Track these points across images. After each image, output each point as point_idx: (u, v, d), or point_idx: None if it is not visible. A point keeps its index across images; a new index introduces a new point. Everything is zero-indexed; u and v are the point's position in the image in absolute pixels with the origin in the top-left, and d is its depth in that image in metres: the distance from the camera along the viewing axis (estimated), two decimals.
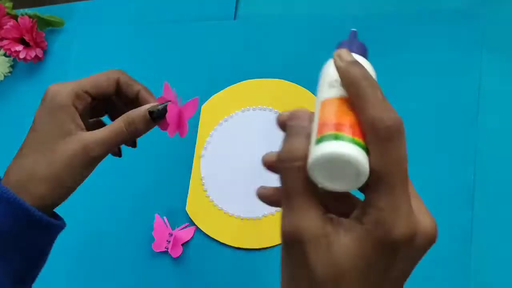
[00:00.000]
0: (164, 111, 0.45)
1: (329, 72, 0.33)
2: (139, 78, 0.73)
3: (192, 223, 0.65)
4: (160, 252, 0.65)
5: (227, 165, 0.65)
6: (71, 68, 0.78)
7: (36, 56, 0.78)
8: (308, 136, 0.30)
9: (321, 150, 0.29)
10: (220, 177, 0.65)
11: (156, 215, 0.66)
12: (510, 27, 0.59)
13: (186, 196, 0.66)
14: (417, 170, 0.58)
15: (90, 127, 0.46)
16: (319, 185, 0.30)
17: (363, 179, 0.29)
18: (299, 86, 0.65)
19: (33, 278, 0.46)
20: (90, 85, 0.46)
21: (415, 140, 0.59)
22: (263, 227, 0.61)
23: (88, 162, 0.45)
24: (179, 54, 0.72)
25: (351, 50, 0.34)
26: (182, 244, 0.64)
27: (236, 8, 0.72)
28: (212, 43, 0.71)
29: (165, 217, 0.65)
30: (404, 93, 0.61)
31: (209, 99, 0.68)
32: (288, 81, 0.66)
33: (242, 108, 0.66)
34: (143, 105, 0.47)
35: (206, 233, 0.64)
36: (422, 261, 0.55)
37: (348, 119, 0.30)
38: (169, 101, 0.46)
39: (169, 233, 0.65)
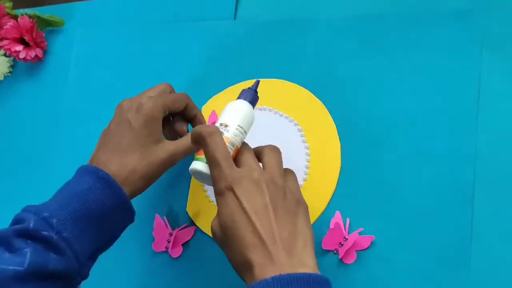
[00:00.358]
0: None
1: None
2: (140, 78, 0.74)
3: (192, 223, 0.65)
4: (160, 252, 0.65)
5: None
6: (71, 68, 0.78)
7: (36, 56, 0.78)
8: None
9: (191, 166, 0.52)
10: None
11: (156, 215, 0.66)
12: (510, 27, 0.59)
13: (186, 196, 0.66)
14: (417, 170, 0.58)
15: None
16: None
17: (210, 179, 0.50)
18: (298, 86, 0.65)
19: (101, 253, 0.57)
20: (172, 104, 0.58)
21: (415, 140, 0.59)
22: None
23: (170, 166, 0.58)
24: (179, 54, 0.72)
25: (245, 98, 0.55)
26: (182, 244, 0.64)
27: (236, 8, 0.72)
28: (212, 43, 0.71)
29: (165, 217, 0.65)
30: (404, 93, 0.61)
31: (210, 99, 0.68)
32: (288, 81, 0.66)
33: None
34: (196, 124, 0.61)
35: (207, 233, 0.64)
36: (422, 261, 0.55)
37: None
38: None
39: (169, 233, 0.65)
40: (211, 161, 0.49)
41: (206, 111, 0.68)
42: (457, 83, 0.59)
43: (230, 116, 0.52)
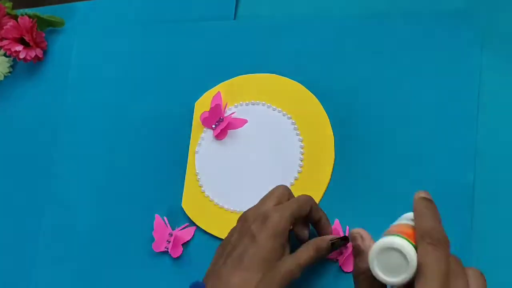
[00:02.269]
0: (341, 244, 0.55)
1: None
2: (140, 78, 0.74)
3: (192, 223, 0.65)
4: (160, 252, 0.65)
5: (221, 161, 0.65)
6: (71, 68, 0.78)
7: (36, 56, 0.78)
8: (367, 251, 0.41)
9: (379, 242, 0.39)
10: (215, 173, 0.65)
11: (156, 215, 0.66)
12: (510, 27, 0.59)
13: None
14: (417, 170, 0.58)
15: None
16: (379, 279, 0.38)
17: (412, 270, 0.37)
18: (292, 80, 0.65)
19: None
20: (297, 211, 0.54)
21: (414, 139, 0.59)
22: None
23: (291, 281, 0.51)
24: (179, 54, 0.72)
25: None
26: (182, 244, 0.64)
27: (236, 8, 0.72)
28: (212, 43, 0.71)
29: (165, 217, 0.65)
30: (404, 93, 0.61)
31: (202, 95, 0.68)
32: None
33: (236, 104, 0.67)
34: (322, 229, 0.56)
35: (202, 228, 0.64)
36: None
37: (406, 231, 0.40)
38: (346, 237, 0.56)
39: (169, 233, 0.65)
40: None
41: (199, 107, 0.68)
42: (457, 83, 0.59)
43: None
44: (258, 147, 0.64)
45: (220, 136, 0.66)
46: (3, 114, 0.81)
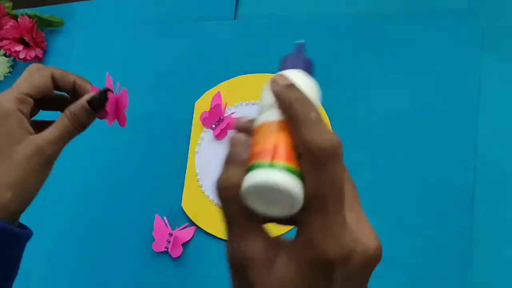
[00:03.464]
0: (102, 98, 0.45)
1: (267, 96, 0.32)
2: (139, 78, 0.74)
3: (192, 223, 0.65)
4: (160, 252, 0.65)
5: (221, 160, 0.65)
6: (71, 68, 0.78)
7: (36, 56, 0.78)
8: (243, 164, 0.30)
9: (252, 178, 0.28)
10: (215, 173, 0.65)
11: (156, 215, 0.66)
12: (510, 27, 0.59)
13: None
14: (417, 170, 0.58)
15: (38, 127, 0.47)
16: (256, 211, 0.29)
17: (297, 206, 0.28)
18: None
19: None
20: (29, 87, 0.46)
21: (415, 140, 0.59)
22: None
23: (44, 162, 0.45)
24: (179, 54, 0.72)
25: (296, 66, 0.34)
26: (182, 244, 0.64)
27: (236, 8, 0.72)
28: (212, 43, 0.71)
29: (165, 217, 0.65)
30: (404, 93, 0.61)
31: (202, 95, 0.68)
32: None
33: (235, 104, 0.67)
34: (80, 93, 0.47)
35: (202, 228, 0.64)
36: (422, 260, 0.55)
37: (283, 144, 0.29)
38: (106, 89, 0.46)
39: (169, 233, 0.65)
40: (321, 206, 0.29)
41: (199, 107, 0.68)
42: (457, 83, 0.59)
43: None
44: None
45: (220, 136, 0.66)
46: None
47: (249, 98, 0.66)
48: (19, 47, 0.77)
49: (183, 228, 0.65)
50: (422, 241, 0.56)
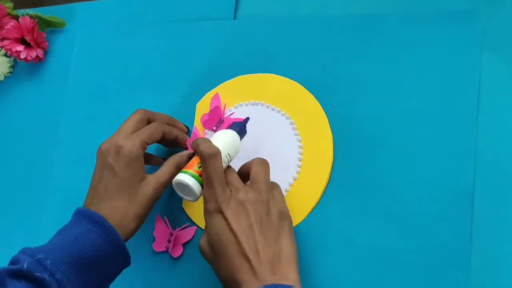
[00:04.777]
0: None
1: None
2: (140, 78, 0.74)
3: (193, 223, 0.65)
4: (161, 252, 0.65)
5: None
6: (72, 68, 0.78)
7: (37, 56, 0.79)
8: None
9: (176, 177, 0.55)
10: None
11: (157, 215, 0.66)
12: (510, 27, 0.59)
13: None
14: (417, 170, 0.58)
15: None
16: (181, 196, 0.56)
17: (197, 195, 0.55)
18: (291, 80, 0.65)
19: None
20: (148, 137, 0.60)
21: (414, 140, 0.59)
22: None
23: (156, 199, 0.59)
24: (179, 54, 0.72)
25: (233, 128, 0.60)
26: (183, 244, 0.64)
27: (236, 8, 0.72)
28: (212, 43, 0.71)
29: (165, 217, 0.65)
30: (404, 93, 0.61)
31: (203, 97, 0.69)
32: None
33: (235, 104, 0.67)
34: (182, 144, 0.64)
35: (203, 228, 0.64)
36: (422, 260, 0.55)
37: (193, 163, 0.56)
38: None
39: (169, 233, 0.65)
40: (207, 182, 0.53)
41: (200, 108, 0.68)
42: (457, 83, 0.59)
43: (220, 144, 0.56)
44: (257, 147, 0.64)
45: None
46: (3, 114, 0.81)
47: (249, 98, 0.67)
48: (20, 48, 0.77)
49: (183, 228, 0.65)
50: (422, 241, 0.56)
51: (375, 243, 0.57)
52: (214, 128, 0.66)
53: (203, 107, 0.68)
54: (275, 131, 0.64)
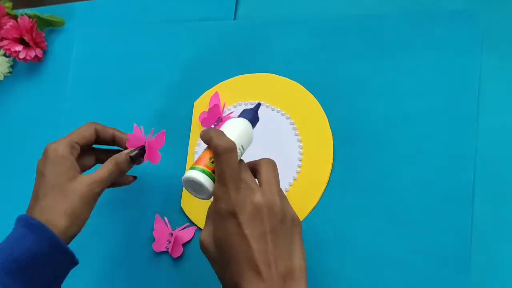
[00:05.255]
0: (140, 154, 0.60)
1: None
2: (140, 78, 0.74)
3: (192, 223, 0.65)
4: (160, 252, 0.65)
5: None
6: (71, 68, 0.78)
7: (36, 56, 0.78)
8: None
9: (186, 174, 0.51)
10: None
11: (157, 215, 0.66)
12: (510, 27, 0.59)
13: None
14: (417, 170, 0.58)
15: (84, 166, 0.61)
16: (193, 195, 0.52)
17: (210, 192, 0.51)
18: (290, 80, 0.65)
19: None
20: (78, 137, 0.59)
21: (414, 140, 0.59)
22: None
23: (92, 197, 0.57)
24: (179, 54, 0.72)
25: (244, 116, 0.54)
26: (183, 244, 0.64)
27: (236, 8, 0.72)
28: (212, 43, 0.71)
29: (165, 217, 0.65)
30: (404, 93, 0.61)
31: (201, 95, 0.68)
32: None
33: (234, 104, 0.67)
34: (120, 143, 0.61)
35: (202, 228, 0.64)
36: (422, 260, 0.55)
37: (203, 158, 0.51)
38: (143, 145, 0.60)
39: (169, 233, 0.65)
40: (220, 179, 0.49)
41: (198, 107, 0.68)
42: (457, 83, 0.59)
43: (234, 135, 0.52)
44: (256, 147, 0.64)
45: None
46: (3, 114, 0.81)
47: (248, 98, 0.67)
48: (19, 47, 0.77)
49: (183, 228, 0.65)
50: (422, 241, 0.56)
51: (375, 243, 0.57)
52: (212, 126, 0.66)
53: (201, 105, 0.68)
54: (275, 131, 0.64)
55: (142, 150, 0.59)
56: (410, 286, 0.55)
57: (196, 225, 0.65)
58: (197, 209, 0.65)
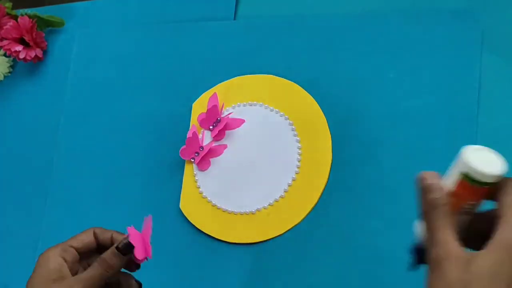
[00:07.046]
0: (127, 241, 0.53)
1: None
2: (140, 78, 0.74)
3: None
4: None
5: (219, 161, 0.65)
6: (71, 68, 0.78)
7: (36, 56, 0.78)
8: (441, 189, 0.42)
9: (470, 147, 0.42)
10: (213, 174, 0.65)
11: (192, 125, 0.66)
12: (510, 27, 0.59)
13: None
14: (417, 170, 0.58)
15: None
16: (477, 172, 0.40)
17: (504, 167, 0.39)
18: (289, 81, 0.65)
19: None
20: (74, 240, 0.55)
21: (414, 139, 0.59)
22: (257, 222, 0.62)
23: None
24: (179, 54, 0.72)
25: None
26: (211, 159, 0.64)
27: (236, 8, 0.72)
28: (212, 43, 0.71)
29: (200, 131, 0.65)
30: (404, 93, 0.61)
31: (200, 96, 0.68)
32: (288, 80, 0.66)
33: (233, 105, 0.67)
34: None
35: (200, 229, 0.64)
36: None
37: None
38: (126, 237, 0.53)
39: (200, 147, 0.65)
40: (429, 240, 0.41)
41: (197, 108, 0.68)
42: (457, 83, 0.59)
43: None
44: (255, 148, 0.64)
45: (218, 137, 0.65)
46: (3, 114, 0.81)
47: (247, 99, 0.66)
48: (19, 47, 0.77)
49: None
50: None
51: (374, 243, 0.57)
52: (210, 127, 0.66)
53: (199, 106, 0.68)
54: (274, 132, 0.64)
55: (127, 239, 0.54)
56: (410, 286, 0.55)
57: (195, 225, 0.65)
58: (195, 209, 0.65)
